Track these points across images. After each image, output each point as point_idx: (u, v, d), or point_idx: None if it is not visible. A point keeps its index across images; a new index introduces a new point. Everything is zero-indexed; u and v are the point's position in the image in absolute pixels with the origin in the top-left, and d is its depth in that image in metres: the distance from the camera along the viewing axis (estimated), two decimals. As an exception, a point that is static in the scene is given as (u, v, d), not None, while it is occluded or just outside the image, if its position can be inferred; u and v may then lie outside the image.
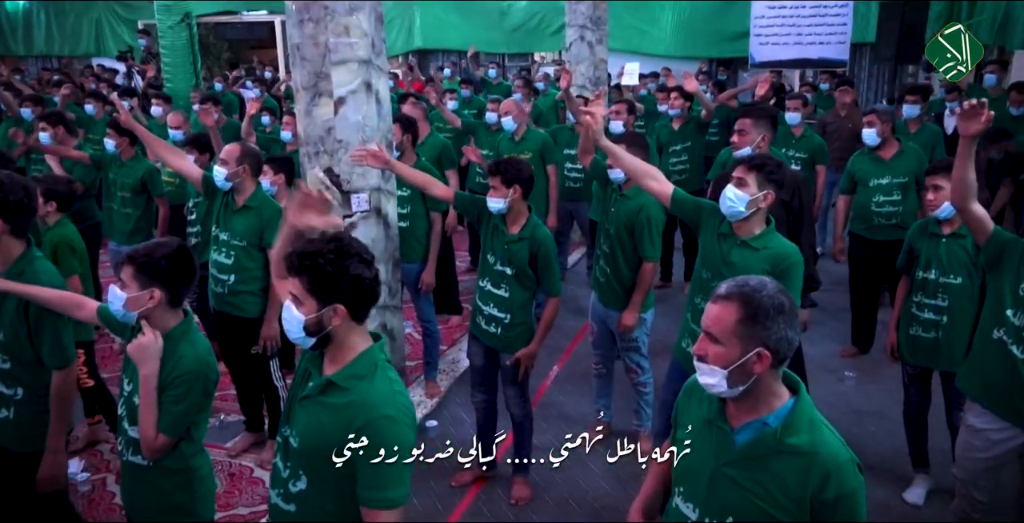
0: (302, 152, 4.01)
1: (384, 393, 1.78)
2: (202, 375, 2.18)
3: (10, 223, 2.47)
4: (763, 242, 2.82)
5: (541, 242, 3.23)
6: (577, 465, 3.72)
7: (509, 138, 5.47)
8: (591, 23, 7.34)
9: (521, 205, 3.26)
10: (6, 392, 2.53)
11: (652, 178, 3.04)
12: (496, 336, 3.35)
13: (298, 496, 1.82)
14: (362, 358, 1.82)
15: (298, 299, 1.78)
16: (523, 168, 3.25)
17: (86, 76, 10.69)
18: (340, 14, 3.80)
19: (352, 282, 1.77)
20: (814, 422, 1.62)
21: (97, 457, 3.84)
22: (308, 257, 1.75)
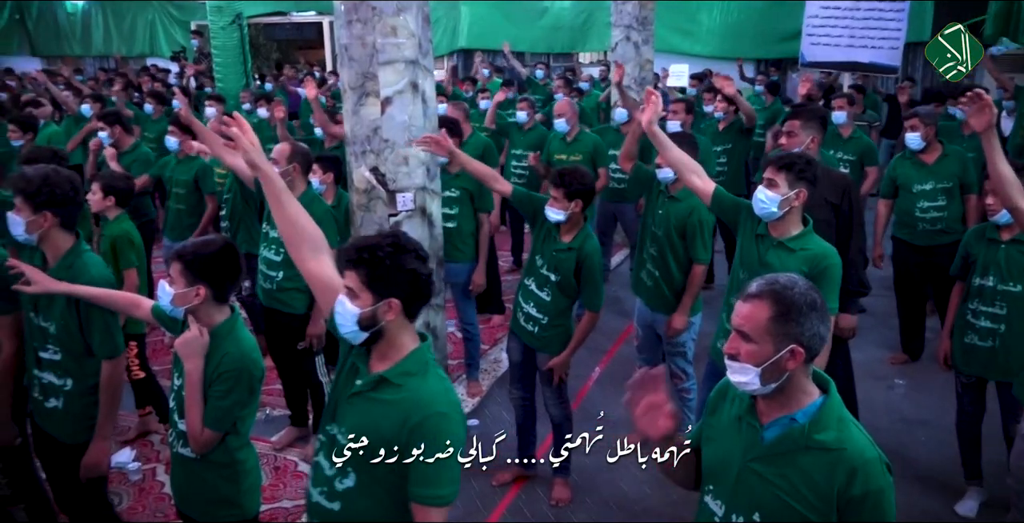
0: (349, 151, 4.06)
1: (438, 390, 1.79)
2: (246, 372, 2.21)
3: (59, 216, 2.54)
4: (800, 243, 2.80)
5: (588, 254, 3.23)
6: (618, 467, 3.69)
7: (561, 139, 5.47)
8: (637, 23, 7.29)
9: (579, 217, 3.27)
10: (56, 382, 2.60)
11: (696, 174, 3.07)
12: (534, 335, 3.36)
13: (344, 494, 1.82)
14: (413, 355, 1.83)
15: (353, 292, 1.78)
16: (586, 180, 3.24)
17: (142, 76, 10.95)
18: (387, 15, 3.83)
19: (409, 277, 1.78)
20: (843, 420, 1.62)
21: (148, 447, 3.94)
22: (367, 250, 1.76)
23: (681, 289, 3.64)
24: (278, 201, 1.97)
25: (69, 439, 2.61)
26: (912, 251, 4.61)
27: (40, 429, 2.68)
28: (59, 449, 2.63)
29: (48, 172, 2.54)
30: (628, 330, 5.24)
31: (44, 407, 2.63)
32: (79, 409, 2.59)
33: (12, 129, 5.30)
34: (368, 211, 3.90)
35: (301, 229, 1.99)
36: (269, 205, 1.97)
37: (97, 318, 2.54)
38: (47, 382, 2.61)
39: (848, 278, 3.38)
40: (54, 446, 2.64)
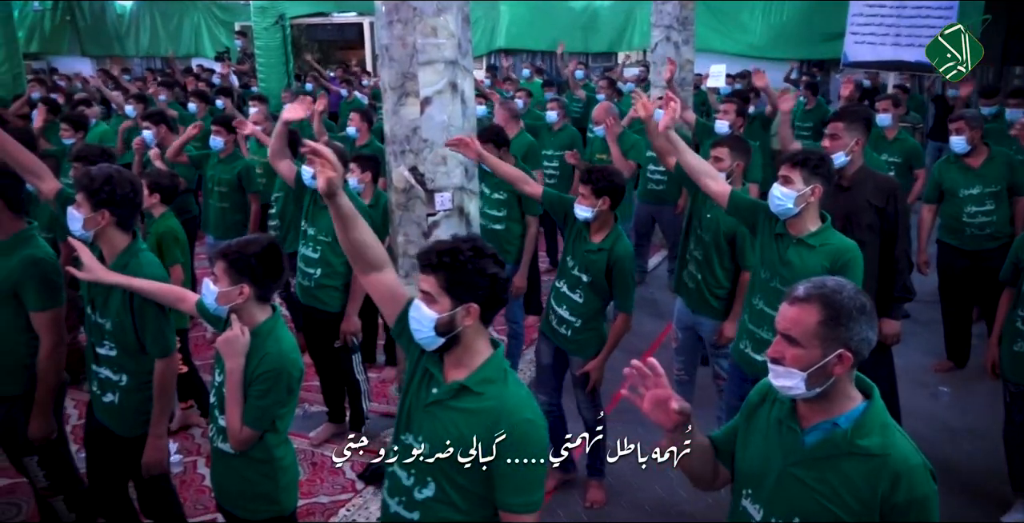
0: (388, 151, 4.09)
1: (522, 396, 1.78)
2: (285, 372, 2.23)
3: (116, 215, 2.58)
4: (820, 239, 2.78)
5: (620, 256, 3.21)
6: (655, 471, 3.68)
7: (602, 139, 5.45)
8: (677, 24, 7.22)
9: (608, 216, 3.25)
10: (112, 378, 2.66)
11: (711, 178, 3.08)
12: (566, 338, 3.35)
13: (423, 503, 1.79)
14: (491, 362, 1.81)
15: (431, 297, 1.76)
16: (616, 179, 3.23)
17: (187, 76, 11.16)
18: (428, 15, 3.84)
19: (489, 281, 1.76)
20: (887, 426, 1.60)
21: (189, 440, 4.02)
22: (447, 254, 1.74)
23: (725, 294, 3.60)
24: (349, 226, 1.91)
25: (126, 432, 2.67)
26: (959, 256, 4.50)
27: (98, 422, 2.74)
28: (116, 442, 2.69)
29: (112, 172, 2.59)
30: (665, 332, 5.20)
31: (101, 401, 2.70)
32: (134, 404, 2.65)
33: (64, 127, 5.43)
34: (406, 211, 3.92)
35: (364, 252, 1.96)
36: (335, 226, 1.93)
37: (151, 317, 2.59)
38: (104, 377, 2.67)
39: (893, 283, 3.32)
40: (112, 439, 2.70)
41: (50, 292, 2.72)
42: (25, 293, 2.68)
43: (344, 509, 3.45)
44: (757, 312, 2.93)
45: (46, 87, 9.38)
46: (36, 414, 2.75)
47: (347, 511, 3.44)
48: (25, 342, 2.73)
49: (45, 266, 2.72)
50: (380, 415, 4.23)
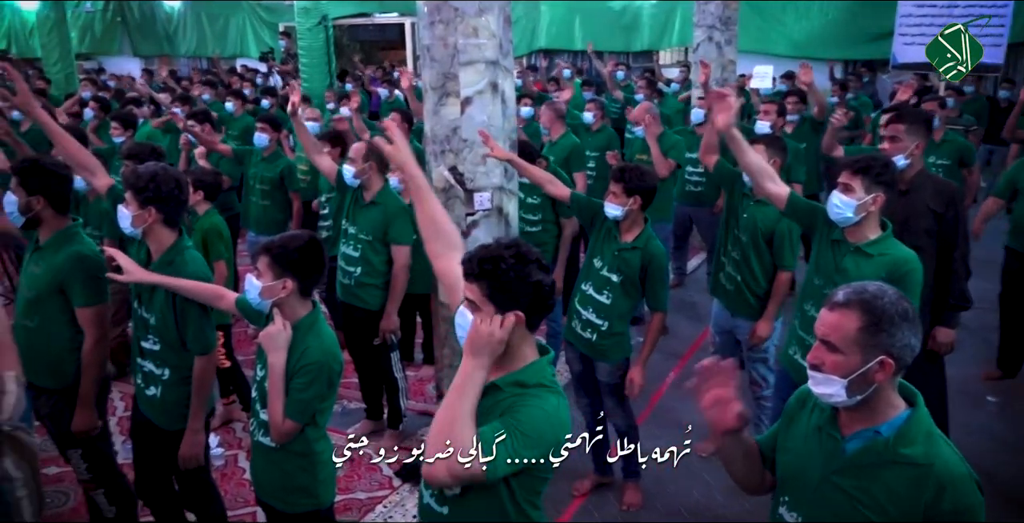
0: (428, 151, 4.11)
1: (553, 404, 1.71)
2: (327, 366, 2.27)
3: (163, 213, 2.63)
4: (878, 248, 2.70)
5: (655, 255, 3.20)
6: (692, 475, 3.65)
7: (642, 141, 5.42)
8: (720, 23, 7.15)
9: (638, 215, 3.24)
10: (155, 371, 2.71)
11: (771, 180, 3.01)
12: (592, 343, 3.32)
13: (452, 499, 1.79)
14: (531, 367, 1.76)
15: (474, 304, 1.72)
16: (647, 178, 3.21)
17: (231, 76, 11.36)
18: (469, 16, 3.86)
19: (533, 288, 1.70)
20: (931, 435, 1.56)
21: (230, 434, 4.09)
22: (489, 262, 1.69)
23: (764, 295, 3.56)
24: (420, 199, 2.07)
25: (167, 426, 2.73)
26: None
27: (141, 415, 2.80)
28: (158, 434, 2.75)
29: (157, 170, 2.64)
30: (703, 335, 5.15)
31: (145, 394, 2.76)
32: (175, 398, 2.70)
33: (114, 126, 5.57)
34: (446, 210, 3.93)
35: (439, 226, 2.05)
36: (413, 201, 2.06)
37: (192, 314, 2.63)
38: (148, 371, 2.73)
39: (950, 291, 3.22)
40: (153, 431, 2.76)
41: (94, 288, 2.78)
42: (70, 289, 2.74)
43: (381, 505, 3.48)
44: (808, 318, 2.88)
45: (97, 86, 9.64)
46: (80, 407, 2.81)
47: (384, 507, 3.47)
48: (70, 337, 2.80)
49: (90, 263, 2.78)
50: (417, 413, 4.26)
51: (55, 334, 2.79)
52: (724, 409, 1.63)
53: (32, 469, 1.82)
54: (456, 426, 1.59)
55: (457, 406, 1.62)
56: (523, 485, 1.73)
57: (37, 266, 2.79)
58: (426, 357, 4.85)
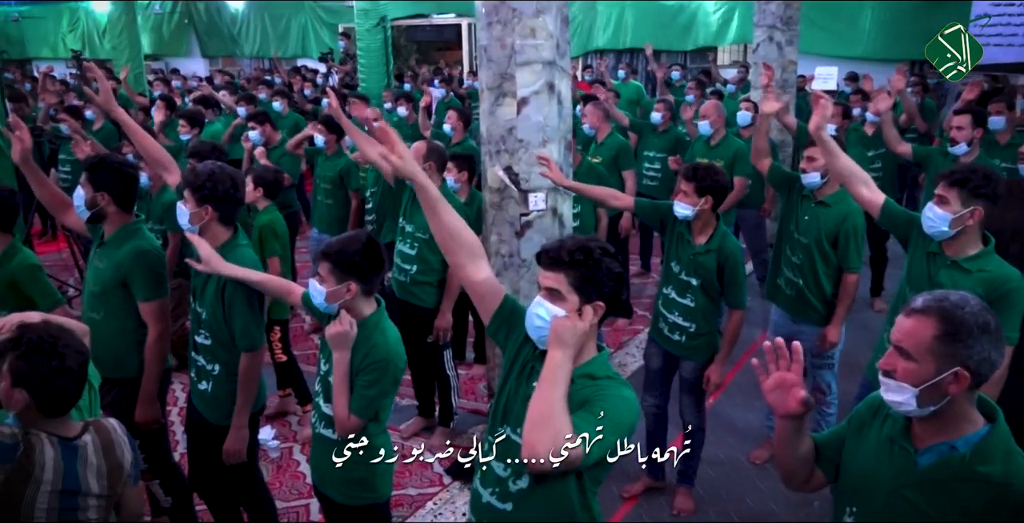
0: (483, 151, 4.13)
1: (632, 396, 1.76)
2: (392, 363, 2.30)
3: (218, 211, 2.70)
4: (978, 264, 2.58)
5: (730, 253, 3.15)
6: (746, 482, 3.60)
7: (705, 142, 5.35)
8: (781, 23, 7.02)
9: (710, 215, 3.19)
10: (206, 366, 2.78)
11: (865, 185, 2.91)
12: (680, 344, 3.30)
13: (518, 494, 1.80)
14: (596, 361, 1.80)
15: (559, 294, 1.75)
16: (719, 178, 3.17)
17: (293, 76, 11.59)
18: (527, 16, 3.86)
19: (616, 280, 1.76)
20: (1011, 453, 1.50)
21: (286, 427, 4.17)
22: (580, 251, 1.74)
23: (828, 299, 3.48)
24: (433, 210, 1.96)
25: (216, 420, 2.79)
26: None
27: (194, 408, 2.87)
28: (209, 429, 2.81)
29: (214, 169, 2.70)
30: (760, 339, 5.06)
31: (197, 388, 2.83)
32: (224, 393, 2.75)
33: (182, 124, 5.74)
34: (500, 210, 3.95)
35: (457, 236, 1.98)
36: (424, 213, 1.99)
37: (240, 311, 2.67)
38: (200, 365, 2.80)
39: None
40: (205, 425, 2.83)
41: (155, 283, 2.86)
42: (133, 284, 2.82)
43: (431, 502, 3.51)
44: None
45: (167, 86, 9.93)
46: (142, 400, 2.89)
47: (434, 504, 3.50)
48: (134, 329, 2.88)
49: (151, 258, 2.86)
50: (468, 412, 4.29)
51: (119, 327, 2.87)
52: (787, 393, 1.59)
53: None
54: (555, 413, 1.61)
55: (550, 395, 1.63)
56: (592, 475, 1.76)
57: (101, 261, 2.88)
58: (478, 356, 4.88)
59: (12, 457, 1.71)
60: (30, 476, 1.73)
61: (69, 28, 16.22)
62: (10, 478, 1.71)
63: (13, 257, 2.98)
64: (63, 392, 1.79)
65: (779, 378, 1.61)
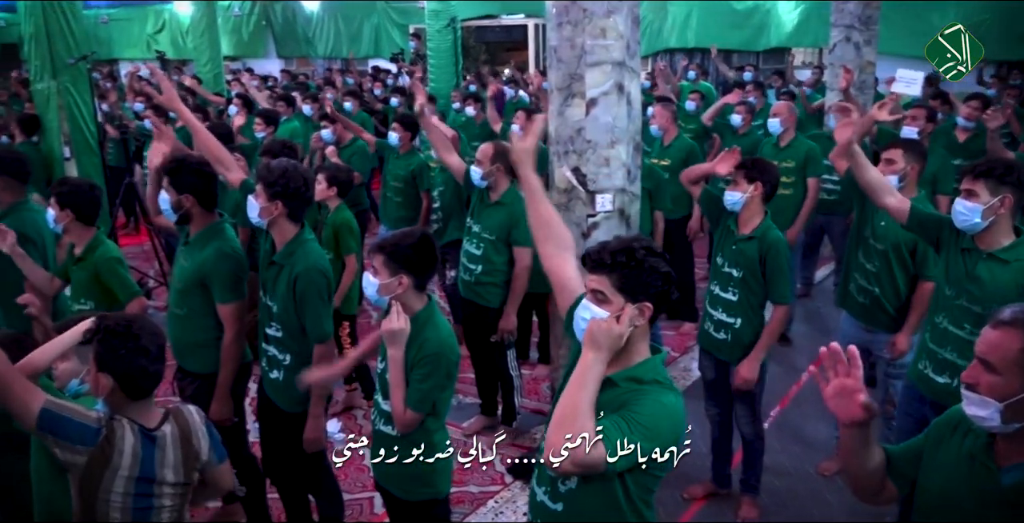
0: (551, 151, 4.14)
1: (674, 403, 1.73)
2: (444, 356, 2.33)
3: (288, 207, 2.77)
4: (1014, 253, 2.56)
5: (772, 243, 3.10)
6: (814, 494, 3.51)
7: (774, 144, 5.24)
8: (859, 23, 6.81)
9: (758, 206, 3.16)
10: (278, 356, 2.86)
11: (890, 194, 2.93)
12: (726, 344, 3.24)
13: (567, 495, 1.80)
14: (646, 364, 1.78)
15: (603, 296, 1.74)
16: (771, 170, 3.16)
17: (364, 76, 11.81)
18: (598, 16, 3.84)
19: (663, 280, 1.74)
20: None
21: (352, 421, 4.26)
22: (622, 253, 1.73)
23: (904, 307, 3.37)
24: (532, 200, 2.07)
25: (287, 408, 2.88)
26: None
27: (266, 396, 2.96)
28: (280, 416, 2.90)
29: (288, 166, 2.78)
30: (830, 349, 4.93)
31: (268, 377, 2.92)
32: (295, 382, 2.81)
33: (257, 123, 5.91)
34: (567, 211, 3.94)
35: (548, 225, 2.06)
36: (526, 203, 2.09)
37: (310, 303, 2.75)
38: (271, 355, 2.88)
39: None
40: (276, 413, 2.91)
41: (234, 286, 2.95)
42: (212, 285, 2.92)
43: (492, 501, 3.53)
44: (940, 331, 2.73)
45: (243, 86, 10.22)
46: (216, 398, 2.99)
47: (495, 502, 3.52)
48: (214, 325, 2.97)
49: (231, 261, 2.95)
50: (531, 411, 4.30)
51: (200, 323, 2.97)
52: (849, 399, 1.54)
53: None
54: (578, 416, 1.60)
55: (578, 397, 1.62)
56: (638, 482, 1.73)
57: (186, 260, 2.99)
58: (541, 356, 4.88)
59: (95, 441, 1.80)
60: (109, 460, 1.81)
61: (155, 29, 16.86)
62: (91, 461, 1.80)
63: (96, 249, 3.13)
64: (142, 372, 1.88)
65: (839, 384, 1.56)
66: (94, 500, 1.83)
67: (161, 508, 1.93)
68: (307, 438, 2.83)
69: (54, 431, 1.77)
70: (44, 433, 1.78)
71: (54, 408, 1.78)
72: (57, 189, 3.15)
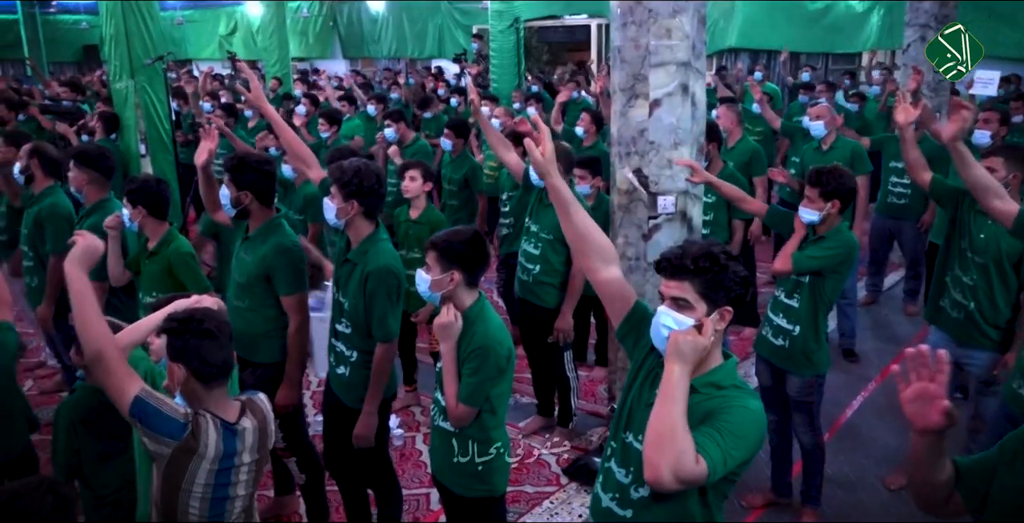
0: (613, 152, 4.11)
1: (759, 407, 1.73)
2: (492, 350, 2.34)
3: (363, 206, 2.81)
4: None
5: (841, 242, 3.05)
6: (878, 507, 3.41)
7: (815, 147, 5.11)
8: (935, 22, 6.59)
9: (835, 219, 3.08)
10: (345, 352, 2.91)
11: (997, 196, 2.78)
12: (784, 350, 3.17)
13: (638, 502, 1.79)
14: (722, 369, 1.79)
15: (687, 303, 1.74)
16: (846, 180, 3.05)
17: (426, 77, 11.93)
18: (663, 17, 3.81)
19: (743, 283, 1.75)
20: None
21: (410, 417, 4.31)
22: (705, 259, 1.72)
23: (1004, 323, 3.19)
24: (565, 211, 1.98)
25: (351, 403, 2.92)
26: None
27: (332, 391, 3.02)
28: (344, 411, 2.95)
29: (360, 165, 2.83)
30: (897, 359, 4.79)
31: (335, 372, 2.97)
32: (360, 379, 2.88)
33: (321, 122, 6.04)
34: (628, 213, 3.92)
35: (588, 238, 1.99)
36: (558, 214, 2.01)
37: (379, 302, 2.78)
38: (339, 351, 2.93)
39: None
40: (340, 407, 2.97)
41: (295, 278, 3.03)
42: (275, 278, 3.00)
43: (548, 501, 3.53)
44: None
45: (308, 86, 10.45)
46: (285, 385, 3.06)
47: (551, 503, 3.52)
48: (275, 317, 3.05)
49: (292, 254, 3.02)
50: (587, 413, 4.28)
51: (262, 315, 3.05)
52: (929, 405, 1.47)
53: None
54: (676, 433, 1.58)
55: (672, 413, 1.61)
56: (716, 488, 1.72)
57: (246, 254, 3.07)
58: (599, 358, 4.86)
59: (181, 435, 1.87)
60: (194, 453, 1.89)
61: (228, 31, 17.36)
62: (178, 454, 1.88)
63: (169, 244, 3.25)
64: (214, 360, 1.94)
65: (921, 388, 1.48)
66: (177, 489, 1.91)
67: (235, 496, 2.01)
68: (357, 433, 2.86)
69: (143, 419, 1.85)
70: (134, 420, 1.86)
71: (147, 397, 1.86)
72: (128, 187, 3.27)
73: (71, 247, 2.00)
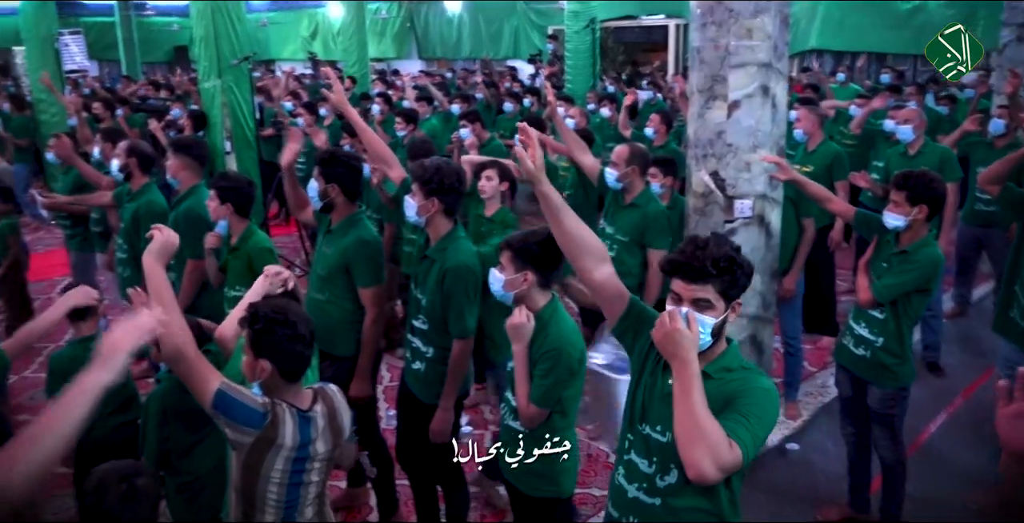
0: (689, 154, 4.06)
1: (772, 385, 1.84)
2: (564, 352, 2.33)
3: (444, 203, 2.85)
4: None
5: (925, 254, 2.93)
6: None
7: (902, 153, 4.91)
8: (1036, 21, 6.29)
9: (922, 225, 2.96)
10: (422, 348, 2.95)
11: None
12: (864, 360, 3.07)
13: (666, 490, 1.85)
14: (728, 353, 1.88)
15: (708, 303, 1.80)
16: (935, 185, 2.94)
17: (503, 76, 12.00)
18: (744, 17, 3.74)
19: (750, 276, 1.84)
20: None
21: (478, 415, 4.34)
22: (725, 260, 1.78)
23: None
24: (556, 217, 1.98)
25: (426, 399, 2.96)
26: None
27: (406, 386, 3.07)
28: (418, 406, 2.99)
29: (440, 163, 2.87)
30: (986, 374, 4.58)
31: (411, 367, 3.02)
32: (435, 375, 2.91)
33: (398, 121, 6.14)
34: (704, 216, 3.86)
35: (581, 241, 2.01)
36: (548, 221, 2.03)
37: (456, 299, 2.81)
38: (415, 347, 2.98)
39: None
40: (415, 403, 3.01)
41: (374, 271, 3.09)
42: (355, 270, 3.06)
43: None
44: None
45: (386, 85, 10.64)
46: (357, 377, 3.13)
47: (616, 507, 3.49)
48: (353, 310, 3.12)
49: (372, 248, 3.09)
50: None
51: (340, 308, 3.12)
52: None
53: None
54: (704, 426, 1.64)
55: (694, 409, 1.65)
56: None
57: (328, 247, 3.15)
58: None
59: (261, 424, 1.93)
60: (273, 442, 1.95)
61: (309, 32, 17.84)
62: (258, 442, 1.94)
63: (249, 239, 3.35)
64: (299, 356, 2.00)
65: (1019, 409, 1.38)
66: (256, 476, 1.98)
67: (310, 482, 2.06)
68: (433, 428, 2.90)
69: (225, 411, 1.92)
70: (217, 412, 1.93)
71: (228, 390, 1.93)
72: (218, 183, 3.37)
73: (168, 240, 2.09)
